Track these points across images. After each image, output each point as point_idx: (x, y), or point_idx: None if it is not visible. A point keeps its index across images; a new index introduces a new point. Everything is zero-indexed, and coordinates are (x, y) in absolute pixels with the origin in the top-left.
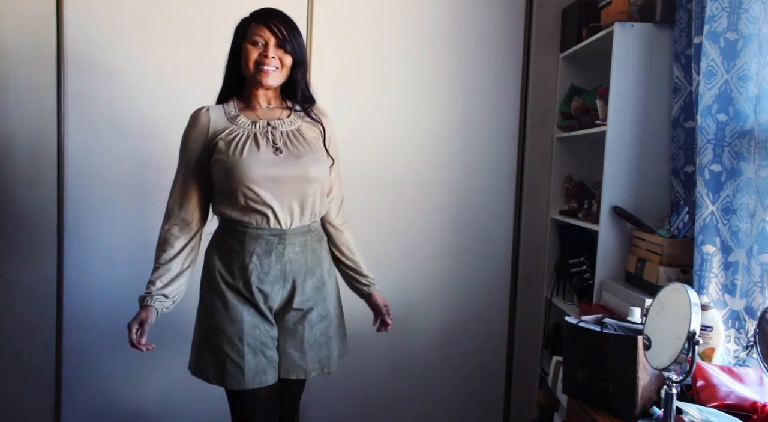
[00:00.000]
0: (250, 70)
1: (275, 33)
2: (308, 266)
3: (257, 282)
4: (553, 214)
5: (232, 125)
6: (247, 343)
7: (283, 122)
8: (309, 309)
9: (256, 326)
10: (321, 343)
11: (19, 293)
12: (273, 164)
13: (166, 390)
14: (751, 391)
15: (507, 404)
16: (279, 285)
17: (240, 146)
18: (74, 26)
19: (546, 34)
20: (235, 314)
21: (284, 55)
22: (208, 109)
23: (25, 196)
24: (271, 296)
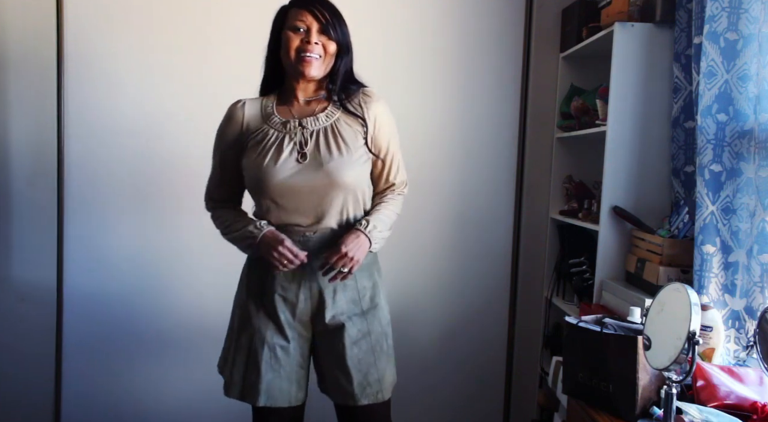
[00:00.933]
0: (291, 59)
1: (318, 17)
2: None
3: (280, 291)
4: (553, 214)
5: (264, 125)
6: (263, 356)
7: (317, 118)
8: (346, 324)
9: (278, 339)
10: (369, 363)
11: (19, 293)
12: (294, 172)
13: (166, 390)
14: (751, 391)
15: (507, 404)
16: (305, 295)
17: (264, 152)
18: (74, 28)
19: (546, 34)
20: (256, 322)
21: (328, 42)
22: (245, 103)
23: (25, 196)
24: (298, 307)
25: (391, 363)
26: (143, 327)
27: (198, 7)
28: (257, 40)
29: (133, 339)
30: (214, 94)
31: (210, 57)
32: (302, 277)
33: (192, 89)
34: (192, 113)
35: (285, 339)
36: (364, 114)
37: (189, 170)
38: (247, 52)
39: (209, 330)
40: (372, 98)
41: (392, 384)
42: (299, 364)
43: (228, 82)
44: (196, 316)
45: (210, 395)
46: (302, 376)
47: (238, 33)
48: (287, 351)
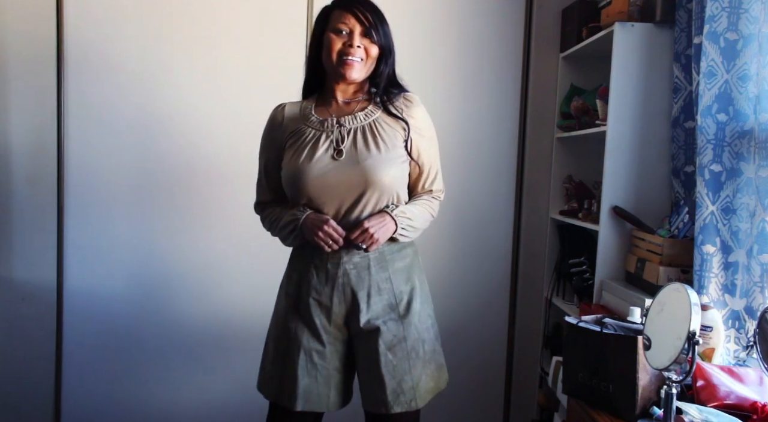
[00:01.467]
0: (333, 61)
1: (361, 20)
2: (374, 280)
3: (315, 295)
4: (553, 214)
5: (302, 124)
6: (300, 360)
7: (356, 117)
8: (381, 329)
9: (314, 344)
10: (404, 370)
11: (19, 293)
12: (328, 169)
13: (166, 391)
14: (751, 391)
15: (507, 404)
16: (338, 299)
17: (301, 150)
18: (74, 26)
19: (546, 34)
20: (292, 326)
21: (370, 45)
22: (284, 107)
23: (25, 196)
24: (333, 311)
25: (427, 369)
26: (143, 327)
27: (198, 7)
28: (258, 39)
29: (133, 339)
30: (216, 92)
31: (210, 57)
32: (335, 280)
33: (192, 89)
34: (194, 111)
35: (321, 344)
36: (405, 117)
37: (189, 170)
38: (247, 51)
39: (209, 330)
40: (413, 103)
41: (430, 391)
42: (337, 369)
43: (229, 82)
44: (196, 316)
45: (210, 395)
46: (340, 381)
47: (240, 32)
48: (323, 355)
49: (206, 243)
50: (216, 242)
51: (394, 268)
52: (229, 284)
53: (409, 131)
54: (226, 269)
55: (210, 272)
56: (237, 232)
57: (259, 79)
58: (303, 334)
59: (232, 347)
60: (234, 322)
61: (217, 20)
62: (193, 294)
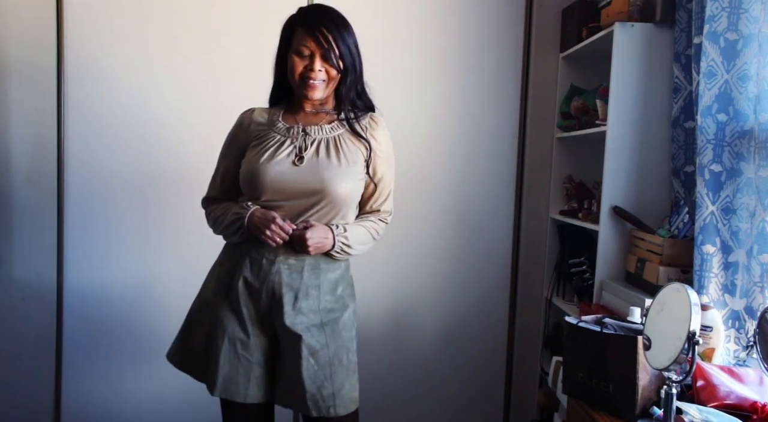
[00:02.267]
0: (296, 82)
1: (320, 43)
2: (304, 284)
3: (245, 285)
4: (553, 214)
5: (268, 129)
6: (223, 348)
7: (321, 128)
8: (305, 334)
9: (238, 332)
10: (324, 376)
11: (19, 293)
12: (287, 173)
13: (166, 390)
14: (751, 391)
15: (507, 404)
16: (266, 293)
17: (263, 151)
18: (74, 28)
19: (546, 34)
20: (219, 312)
21: (330, 68)
22: (254, 111)
23: (25, 196)
24: (260, 305)
25: (350, 377)
26: (143, 327)
27: (198, 8)
28: (256, 41)
29: (133, 339)
30: (213, 94)
31: (210, 58)
32: (267, 276)
33: (192, 90)
34: (192, 113)
35: (246, 334)
36: (368, 137)
37: (189, 170)
38: (246, 52)
39: None
40: (378, 125)
41: (352, 399)
42: (258, 362)
43: (228, 83)
44: None
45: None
46: (261, 374)
47: (238, 34)
48: (247, 346)
49: (206, 243)
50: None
51: (326, 277)
52: None
53: (371, 152)
54: None
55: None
56: None
57: (258, 83)
58: (229, 322)
59: None
60: None
61: (215, 23)
62: (193, 294)
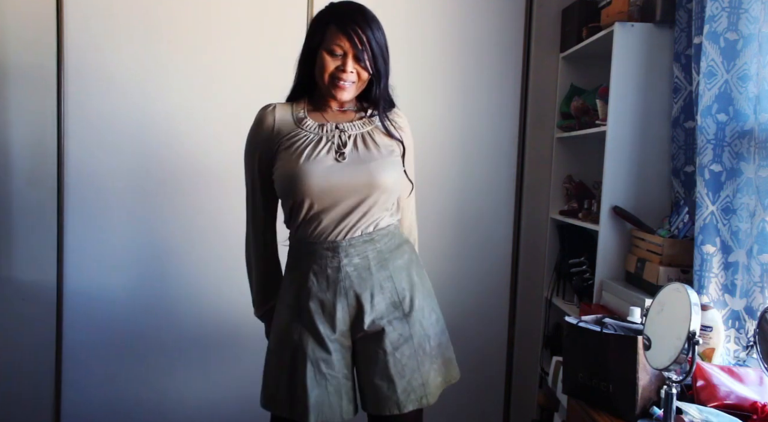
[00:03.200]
0: (325, 81)
1: (354, 43)
2: (375, 279)
3: (317, 303)
4: (553, 214)
5: (298, 128)
6: (307, 371)
7: (354, 124)
8: (384, 329)
9: (320, 353)
10: (413, 368)
11: (19, 293)
12: (333, 171)
13: (166, 390)
14: (751, 391)
15: (507, 404)
16: (342, 304)
17: (300, 152)
18: (74, 28)
19: (546, 34)
20: (295, 337)
21: (362, 70)
22: (275, 108)
23: (25, 196)
24: (337, 318)
25: (435, 364)
26: (143, 327)
27: (198, 8)
28: (257, 42)
29: (133, 339)
30: (214, 94)
31: (210, 57)
32: (337, 284)
33: (192, 90)
34: (193, 113)
35: (327, 352)
36: (401, 135)
37: (190, 170)
38: (247, 54)
39: (209, 330)
40: (403, 118)
41: (438, 386)
42: (345, 376)
43: (228, 84)
44: (195, 316)
45: (210, 395)
46: (350, 388)
47: (239, 35)
48: (330, 363)
49: (205, 243)
50: (215, 242)
51: (395, 266)
52: (229, 284)
53: (404, 147)
54: (225, 269)
55: (209, 272)
56: (236, 232)
57: (258, 82)
58: (308, 344)
59: (231, 346)
60: (234, 322)
61: (216, 23)
62: (193, 294)
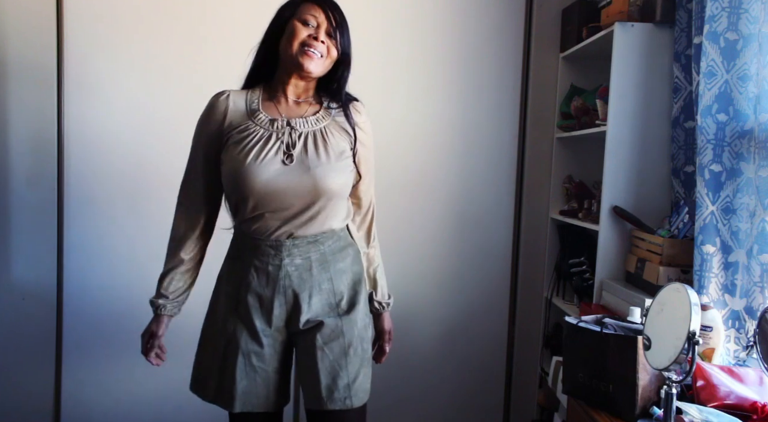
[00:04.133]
0: (293, 49)
1: (330, 18)
2: (315, 280)
3: (255, 297)
4: (553, 214)
5: (249, 121)
6: (238, 363)
7: (307, 120)
8: (318, 325)
9: (252, 345)
10: (341, 366)
11: (19, 293)
12: (278, 174)
13: (166, 391)
14: (751, 391)
15: (507, 404)
16: (279, 301)
17: (247, 150)
18: (74, 28)
19: (546, 34)
20: (230, 328)
21: (332, 47)
22: (229, 95)
23: (25, 196)
24: (273, 314)
25: (365, 368)
26: (143, 327)
27: (199, 8)
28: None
29: (133, 339)
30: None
31: (210, 59)
32: (276, 282)
33: (193, 89)
34: (193, 112)
35: (260, 346)
36: (354, 126)
37: None
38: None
39: None
40: (361, 113)
41: (366, 391)
42: (275, 370)
43: (228, 84)
44: (195, 316)
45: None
46: (278, 380)
47: (238, 36)
48: (262, 357)
49: None
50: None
51: (336, 268)
52: None
53: (356, 141)
54: None
55: (210, 271)
56: None
57: None
58: (242, 336)
59: None
60: None
61: (216, 23)
62: (193, 294)
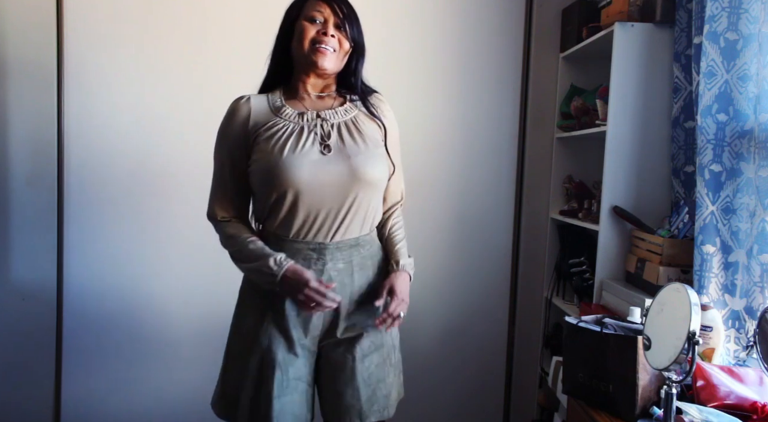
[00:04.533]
0: (305, 49)
1: (335, 11)
2: (356, 285)
3: (293, 305)
4: (553, 214)
5: (276, 118)
6: (275, 379)
7: (336, 111)
8: (358, 336)
9: (289, 357)
10: (379, 378)
11: (19, 293)
12: (319, 164)
13: (166, 391)
14: (751, 391)
15: (507, 404)
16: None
17: (281, 143)
18: (74, 28)
19: (546, 34)
20: (264, 341)
21: (343, 39)
22: (249, 98)
23: (24, 196)
24: (313, 323)
25: (399, 377)
26: (143, 327)
27: (199, 8)
28: (257, 44)
29: (133, 339)
30: (215, 93)
31: (210, 59)
32: None
33: (193, 89)
34: (193, 112)
35: (296, 356)
36: (380, 116)
37: (189, 171)
38: (247, 55)
39: (209, 331)
40: (385, 104)
41: (398, 400)
42: (308, 382)
43: (228, 85)
44: (195, 316)
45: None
46: (311, 395)
47: (239, 36)
48: (298, 369)
49: (206, 243)
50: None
51: (373, 273)
52: (229, 284)
53: (386, 131)
54: (225, 269)
55: (210, 271)
56: None
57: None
58: (278, 348)
59: None
60: None
61: (216, 22)
62: (193, 294)
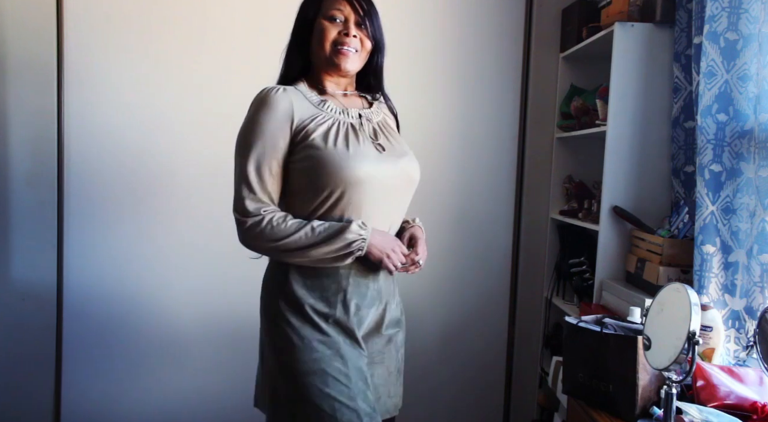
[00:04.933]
0: (326, 51)
1: (356, 8)
2: (393, 289)
3: (356, 308)
4: (553, 214)
5: (320, 112)
6: (356, 383)
7: (372, 111)
8: (396, 332)
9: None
10: (400, 372)
11: (19, 293)
12: (377, 162)
13: (166, 390)
14: (751, 391)
15: (507, 404)
16: (375, 308)
17: (340, 137)
18: (74, 28)
19: (546, 34)
20: (339, 350)
21: (365, 38)
22: (285, 89)
23: (25, 196)
24: (366, 322)
25: (401, 377)
26: (143, 327)
27: (199, 8)
28: (257, 44)
29: (133, 339)
30: (215, 93)
31: (210, 59)
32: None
33: (193, 89)
34: (193, 112)
35: (363, 355)
36: (396, 115)
37: (189, 170)
38: (246, 55)
39: (209, 330)
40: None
41: None
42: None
43: (228, 85)
44: (195, 316)
45: (210, 395)
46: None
47: (238, 36)
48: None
49: (206, 243)
50: (216, 242)
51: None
52: (230, 284)
53: (399, 131)
54: (226, 269)
55: (210, 271)
56: None
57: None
58: (352, 352)
59: (232, 347)
60: (234, 321)
61: (216, 23)
62: (194, 294)
